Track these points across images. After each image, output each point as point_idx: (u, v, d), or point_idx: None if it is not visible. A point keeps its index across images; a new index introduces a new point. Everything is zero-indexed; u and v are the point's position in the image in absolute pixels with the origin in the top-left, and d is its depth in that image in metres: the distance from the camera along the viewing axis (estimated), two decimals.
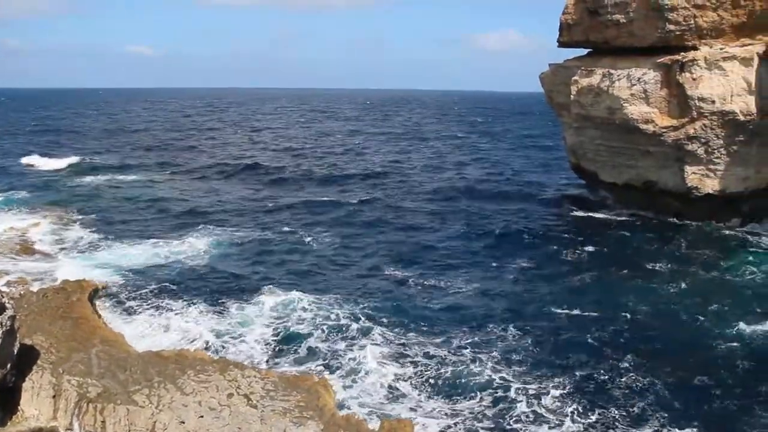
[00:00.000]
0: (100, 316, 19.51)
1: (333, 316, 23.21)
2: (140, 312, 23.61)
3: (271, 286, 26.22)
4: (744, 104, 33.71)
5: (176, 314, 23.43)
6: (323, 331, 22.02)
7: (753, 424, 16.54)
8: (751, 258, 30.89)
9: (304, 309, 23.78)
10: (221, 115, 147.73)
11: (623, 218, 39.11)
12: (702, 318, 23.33)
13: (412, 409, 17.33)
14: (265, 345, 21.10)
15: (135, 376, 14.62)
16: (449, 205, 43.23)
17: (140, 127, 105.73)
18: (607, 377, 19.11)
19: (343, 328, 22.27)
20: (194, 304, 24.31)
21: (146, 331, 22.03)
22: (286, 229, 35.66)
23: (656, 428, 16.47)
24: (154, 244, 32.03)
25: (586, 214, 40.50)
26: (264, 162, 61.40)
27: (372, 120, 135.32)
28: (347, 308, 23.95)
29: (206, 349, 19.87)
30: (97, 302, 23.13)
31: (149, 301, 24.51)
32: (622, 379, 18.95)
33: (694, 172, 36.23)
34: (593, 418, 16.93)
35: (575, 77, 40.70)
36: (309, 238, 33.66)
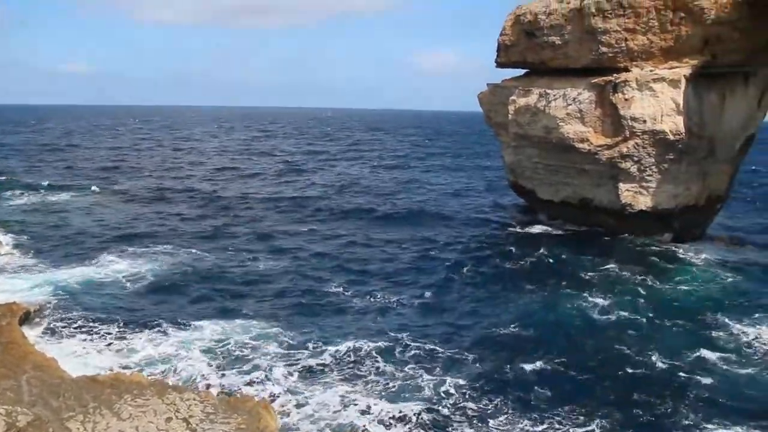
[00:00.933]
0: (30, 341, 18.88)
1: (276, 338, 22.97)
2: (74, 336, 22.76)
3: (210, 308, 25.81)
4: (673, 124, 34.85)
5: (112, 337, 22.70)
6: (266, 352, 21.74)
7: None
8: (679, 272, 32.02)
9: (245, 331, 23.40)
10: (157, 134, 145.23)
11: (560, 235, 39.93)
12: (632, 331, 23.92)
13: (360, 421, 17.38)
14: (206, 367, 20.63)
15: (69, 403, 14.15)
16: (389, 223, 43.24)
17: (73, 144, 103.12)
18: (539, 389, 19.45)
19: (287, 349, 22.06)
20: (131, 326, 23.62)
21: (81, 355, 21.27)
22: (225, 251, 35.02)
23: None
24: (89, 266, 31.02)
25: (524, 231, 41.22)
26: (202, 183, 60.59)
27: (312, 138, 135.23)
28: (290, 329, 23.70)
29: (143, 372, 19.36)
30: (28, 326, 22.43)
31: (84, 324, 23.62)
32: (554, 392, 19.35)
33: (627, 190, 37.25)
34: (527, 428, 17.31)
35: (513, 97, 41.52)
36: (249, 261, 33.14)
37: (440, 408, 18.18)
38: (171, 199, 51.66)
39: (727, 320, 25.19)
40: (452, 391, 19.19)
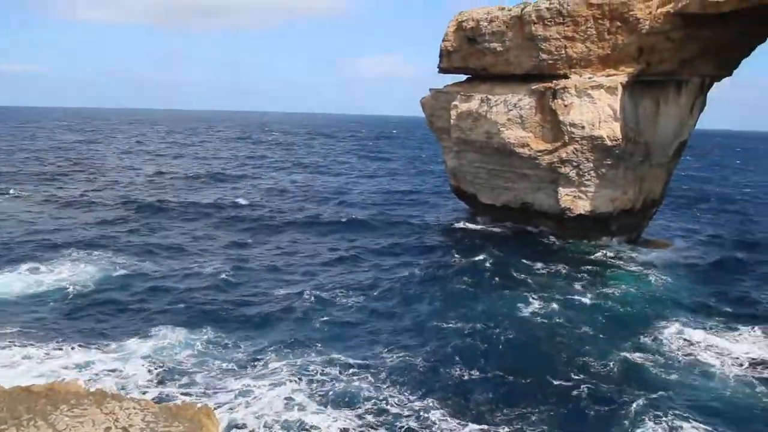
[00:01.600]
0: None
1: (219, 345, 22.71)
2: (9, 346, 21.84)
3: (155, 316, 25.25)
4: (611, 130, 35.82)
5: (50, 346, 21.93)
6: (209, 359, 21.46)
7: None
8: (615, 275, 32.99)
9: (187, 340, 22.99)
10: (99, 136, 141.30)
11: (500, 238, 40.37)
12: (568, 334, 24.45)
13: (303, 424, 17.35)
14: (147, 375, 20.17)
15: (1, 415, 13.68)
16: (330, 230, 42.69)
17: (10, 147, 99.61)
18: (478, 393, 19.73)
19: (230, 356, 21.83)
20: (71, 335, 22.94)
21: (15, 365, 20.51)
22: (168, 259, 34.17)
23: None
24: (28, 272, 29.95)
25: (464, 235, 41.53)
26: (145, 188, 58.99)
27: (253, 142, 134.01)
28: (234, 337, 23.46)
29: (81, 382, 18.78)
30: None
31: (20, 333, 22.75)
32: (495, 393, 19.77)
33: (567, 194, 38.12)
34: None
35: (455, 102, 42.04)
36: (193, 268, 32.44)
37: (380, 413, 18.27)
38: (97, 205, 49.32)
39: (660, 322, 25.99)
40: (394, 394, 19.32)
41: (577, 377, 20.79)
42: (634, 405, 18.72)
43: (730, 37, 35.34)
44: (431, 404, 18.80)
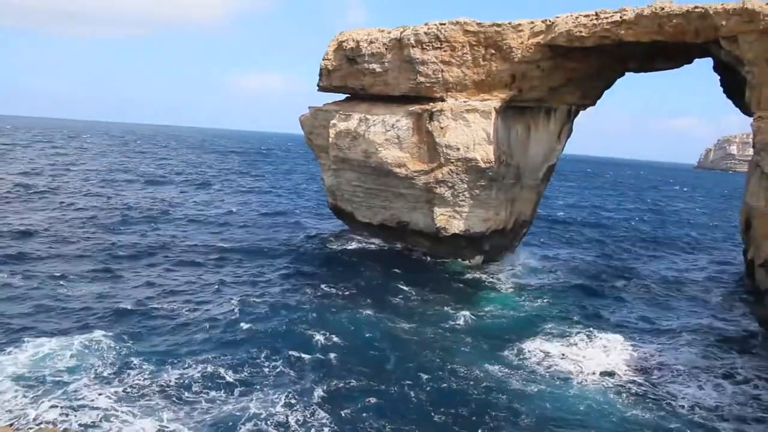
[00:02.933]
0: None
1: (93, 359, 21.63)
2: None
3: (20, 330, 23.75)
4: (484, 153, 37.05)
5: None
6: (81, 376, 20.35)
7: None
8: (486, 293, 34.11)
9: (58, 354, 21.75)
10: None
11: (375, 257, 40.57)
12: (436, 351, 24.92)
13: None
14: (12, 394, 18.87)
15: None
16: (204, 249, 41.40)
17: None
18: (347, 411, 19.76)
19: (104, 373, 20.74)
20: None
21: None
22: (41, 269, 32.19)
23: None
24: None
25: (340, 253, 41.40)
26: (15, 196, 55.43)
27: (120, 155, 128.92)
28: (109, 351, 22.45)
29: None
30: None
31: None
32: (364, 405, 20.04)
33: (442, 214, 39.02)
34: None
35: (334, 121, 42.16)
36: (66, 279, 30.64)
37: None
38: None
39: (525, 337, 27.22)
40: (269, 413, 19.09)
41: (444, 390, 21.45)
42: (499, 414, 19.70)
43: (593, 69, 37.67)
44: (320, 421, 18.76)
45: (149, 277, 32.86)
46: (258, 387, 20.78)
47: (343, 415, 19.32)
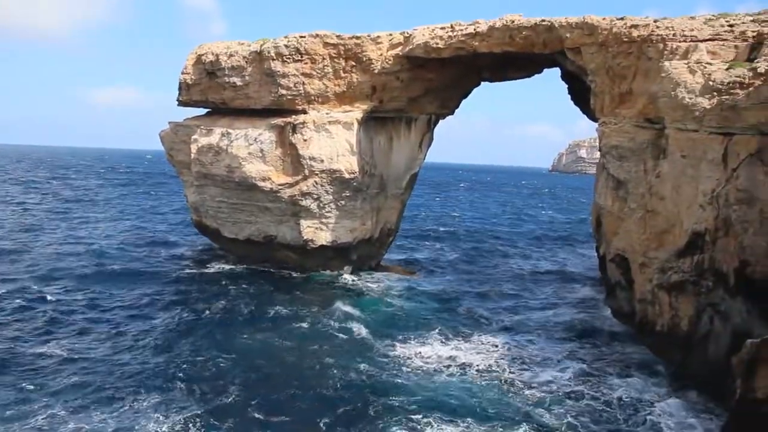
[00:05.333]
0: None
1: None
2: None
3: None
4: (348, 164, 37.45)
5: None
6: None
7: None
8: (355, 301, 34.46)
9: None
10: None
11: (245, 273, 39.98)
12: (308, 358, 25.34)
13: None
14: None
15: None
16: (69, 269, 39.46)
17: None
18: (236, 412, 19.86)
19: None
20: None
21: None
22: None
23: None
24: None
25: (206, 271, 40.35)
26: None
27: None
28: None
29: None
30: None
31: None
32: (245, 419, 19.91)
33: (308, 226, 39.02)
34: None
35: (195, 136, 41.17)
36: None
37: None
38: None
39: (397, 340, 28.23)
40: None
41: (323, 395, 21.96)
42: (374, 410, 20.66)
43: (450, 79, 39.05)
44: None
45: None
46: (130, 416, 19.96)
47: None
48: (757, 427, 14.51)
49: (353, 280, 39.15)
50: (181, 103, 43.69)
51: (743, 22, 26.45)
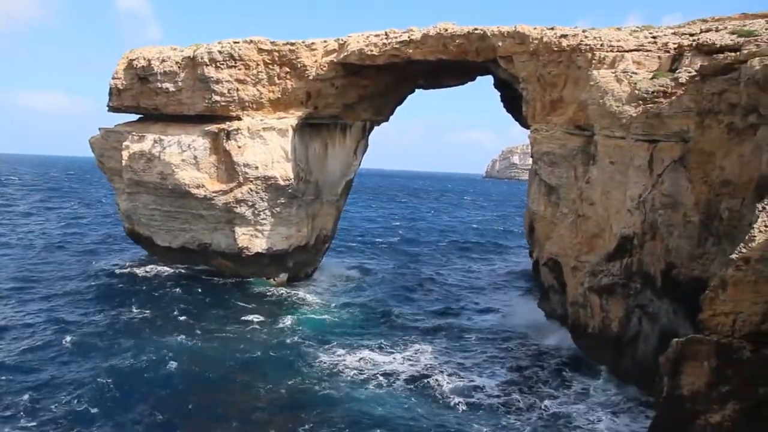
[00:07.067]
0: None
1: None
2: None
3: None
4: (283, 170, 37.29)
5: None
6: None
7: None
8: (291, 309, 34.41)
9: None
10: None
11: (178, 283, 38.76)
12: (238, 367, 25.19)
13: None
14: None
15: None
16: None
17: None
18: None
19: None
20: None
21: None
22: None
23: None
24: None
25: (139, 283, 38.96)
26: None
27: None
28: None
29: None
30: None
31: None
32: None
33: (243, 233, 38.64)
34: None
35: (126, 142, 40.27)
36: None
37: None
38: None
39: (332, 348, 28.13)
40: None
41: (249, 410, 21.43)
42: (310, 418, 20.51)
43: (385, 86, 39.35)
44: None
45: None
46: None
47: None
48: (683, 423, 15.06)
49: (288, 288, 38.90)
50: (112, 109, 42.64)
51: (665, 35, 27.56)
